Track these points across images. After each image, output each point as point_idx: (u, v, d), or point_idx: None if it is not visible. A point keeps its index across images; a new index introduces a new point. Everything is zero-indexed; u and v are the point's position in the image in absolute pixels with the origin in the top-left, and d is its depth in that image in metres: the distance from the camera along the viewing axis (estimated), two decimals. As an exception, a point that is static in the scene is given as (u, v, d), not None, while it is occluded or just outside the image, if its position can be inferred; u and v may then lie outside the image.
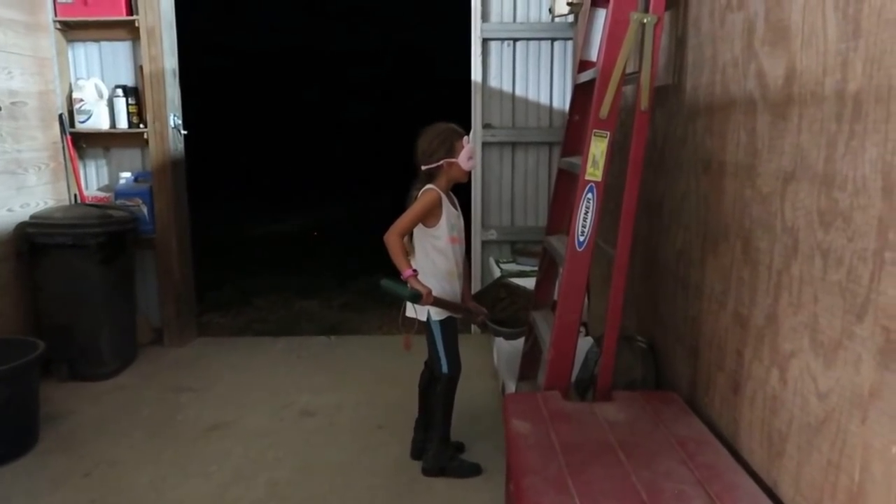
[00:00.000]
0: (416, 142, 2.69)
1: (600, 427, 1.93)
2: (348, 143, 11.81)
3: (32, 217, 3.77)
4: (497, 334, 3.05)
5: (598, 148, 2.19)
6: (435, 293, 2.60)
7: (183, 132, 4.34)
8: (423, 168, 2.67)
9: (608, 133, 2.18)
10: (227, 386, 3.76)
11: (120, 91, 4.18)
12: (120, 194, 4.22)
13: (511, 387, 2.98)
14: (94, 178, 4.41)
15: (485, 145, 4.47)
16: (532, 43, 4.41)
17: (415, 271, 2.57)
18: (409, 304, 2.71)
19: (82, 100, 4.14)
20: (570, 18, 4.18)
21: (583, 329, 3.29)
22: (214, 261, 6.32)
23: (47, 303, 3.78)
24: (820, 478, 1.41)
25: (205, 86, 7.88)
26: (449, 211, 2.69)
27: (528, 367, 2.92)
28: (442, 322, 2.72)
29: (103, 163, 4.40)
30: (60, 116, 4.13)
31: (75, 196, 4.23)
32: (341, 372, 3.95)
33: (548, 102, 4.48)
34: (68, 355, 3.75)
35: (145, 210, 4.20)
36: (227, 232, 8.13)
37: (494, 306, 3.04)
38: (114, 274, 3.87)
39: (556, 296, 2.45)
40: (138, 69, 4.20)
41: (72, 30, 4.17)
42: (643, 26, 2.14)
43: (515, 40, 4.40)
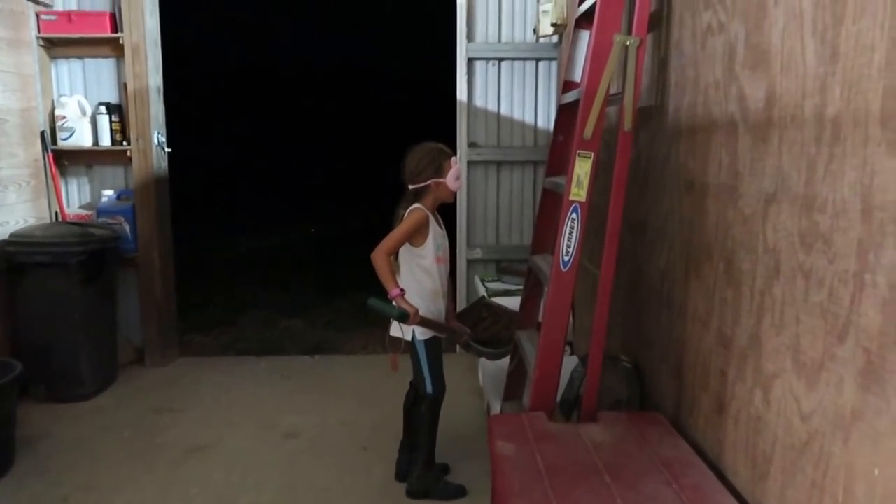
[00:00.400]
0: (404, 160, 2.69)
1: (585, 448, 1.91)
2: (335, 162, 11.81)
3: (12, 235, 3.72)
4: (479, 354, 3.05)
5: (583, 168, 2.20)
6: (421, 313, 2.59)
7: (167, 150, 4.32)
8: (411, 187, 2.67)
9: (592, 153, 2.20)
10: (208, 407, 3.71)
11: (103, 108, 4.16)
12: (102, 212, 4.18)
13: (496, 407, 2.96)
14: (76, 196, 4.37)
15: (470, 164, 4.49)
16: (517, 63, 4.44)
17: (402, 290, 2.56)
18: (394, 324, 2.70)
19: (65, 117, 4.11)
20: (555, 39, 4.22)
21: (568, 348, 3.28)
22: (198, 279, 6.25)
23: (26, 323, 3.72)
24: (804, 499, 1.41)
25: (189, 102, 7.83)
26: (435, 231, 2.69)
27: (513, 388, 2.90)
28: (427, 342, 2.70)
29: (85, 180, 4.36)
30: (42, 133, 4.09)
31: (56, 214, 4.18)
32: (325, 392, 3.91)
33: (533, 122, 4.51)
34: (47, 376, 3.68)
35: (128, 228, 4.16)
36: (211, 250, 8.06)
37: (476, 326, 3.04)
38: (94, 293, 3.82)
39: (541, 315, 2.45)
40: (122, 86, 4.18)
41: (55, 47, 4.15)
42: (626, 48, 2.17)
43: (500, 60, 4.44)
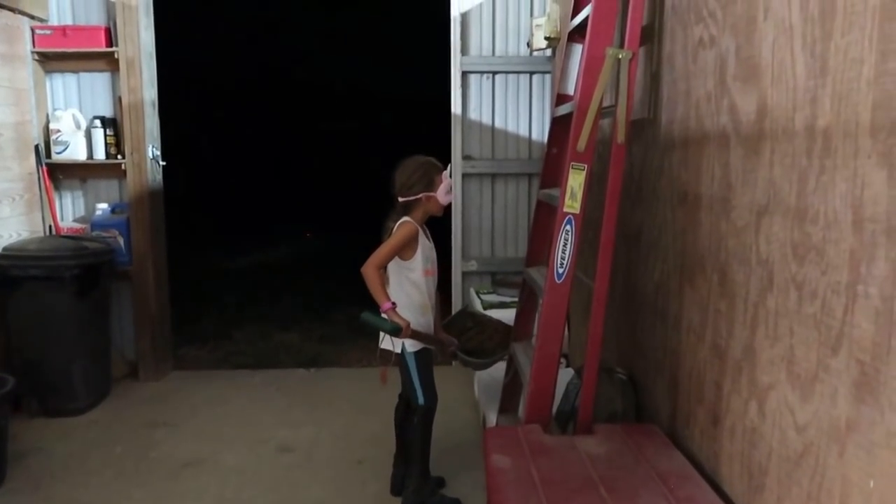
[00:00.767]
0: (395, 173, 2.70)
1: (581, 461, 1.91)
2: (327, 177, 11.81)
3: (5, 249, 3.70)
4: (466, 364, 3.05)
5: (576, 180, 2.21)
6: (411, 326, 2.59)
7: (161, 163, 4.32)
8: (401, 200, 2.68)
9: (585, 166, 2.20)
10: (203, 421, 3.68)
11: (98, 122, 4.16)
12: (96, 226, 4.17)
13: (492, 419, 2.95)
14: (70, 210, 4.36)
15: (465, 176, 4.50)
16: (511, 76, 4.47)
17: (394, 304, 2.56)
18: (385, 337, 2.69)
19: (59, 130, 4.11)
20: (548, 53, 4.25)
21: (563, 360, 3.28)
22: (192, 292, 6.23)
23: (19, 337, 3.70)
24: (800, 512, 1.41)
25: (187, 114, 7.86)
26: (424, 243, 2.70)
27: (508, 400, 2.89)
28: (416, 353, 2.71)
29: (80, 194, 4.36)
30: (36, 147, 4.09)
31: (50, 227, 4.17)
32: (320, 405, 3.89)
33: (527, 134, 4.53)
34: (39, 390, 3.66)
35: (122, 241, 4.15)
36: (205, 263, 8.04)
37: (461, 336, 3.04)
38: (88, 307, 3.80)
39: (536, 328, 2.45)
40: (117, 100, 4.19)
41: (50, 61, 4.16)
42: (619, 62, 2.18)
43: (494, 73, 4.46)
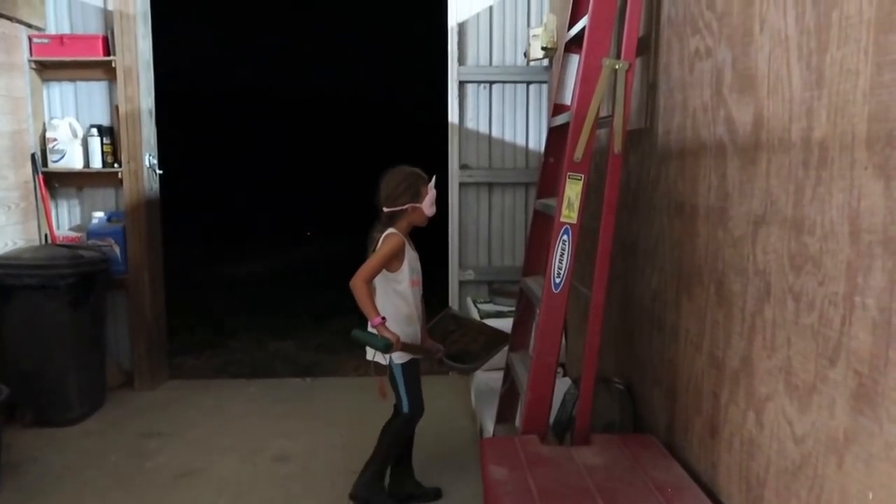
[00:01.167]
0: (380, 184, 2.71)
1: (578, 472, 1.90)
2: (325, 185, 11.81)
3: (0, 258, 3.69)
4: (452, 370, 3.05)
5: (573, 190, 2.21)
6: (401, 337, 2.60)
7: (158, 172, 4.31)
8: (386, 211, 2.68)
9: (582, 175, 2.21)
10: (198, 431, 3.66)
11: (95, 130, 4.15)
12: (92, 234, 4.16)
13: (489, 429, 2.94)
14: (66, 218, 4.35)
15: (462, 186, 4.50)
16: (508, 86, 4.48)
17: (383, 318, 2.56)
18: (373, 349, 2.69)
19: (56, 139, 4.10)
20: (545, 63, 4.27)
21: (560, 370, 3.28)
22: (188, 302, 6.22)
23: (13, 346, 3.67)
24: (799, 524, 1.40)
25: (179, 125, 7.83)
26: (410, 254, 2.71)
27: (505, 410, 2.88)
28: (404, 365, 2.72)
29: (76, 202, 4.35)
30: (33, 156, 4.08)
31: (46, 236, 4.16)
32: (316, 415, 3.88)
33: (524, 144, 4.53)
34: (34, 400, 3.63)
35: (118, 250, 4.14)
36: (201, 272, 8.03)
37: (445, 339, 3.04)
38: (83, 316, 3.79)
39: (533, 337, 2.44)
40: (114, 109, 4.18)
41: (47, 69, 4.16)
42: (615, 72, 2.19)
43: (492, 83, 4.47)
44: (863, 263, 1.20)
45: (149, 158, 4.20)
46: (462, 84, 4.44)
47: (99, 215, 4.21)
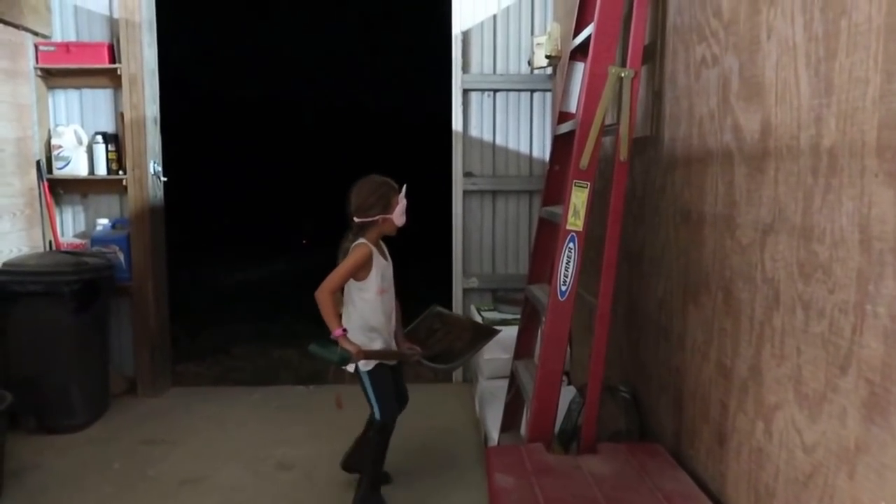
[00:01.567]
0: (351, 193, 2.72)
1: (585, 481, 1.89)
2: (326, 192, 11.81)
3: (5, 264, 3.69)
4: (432, 371, 3.03)
5: (579, 198, 2.21)
6: (365, 346, 2.61)
7: (163, 179, 4.32)
8: (357, 221, 2.69)
9: (588, 183, 2.20)
10: (201, 438, 3.65)
11: (100, 138, 4.16)
12: (96, 241, 4.16)
13: (494, 437, 2.92)
14: (71, 225, 4.36)
15: (466, 193, 4.50)
16: (512, 94, 4.48)
17: (345, 330, 2.57)
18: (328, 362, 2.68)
19: (61, 146, 4.11)
20: (549, 71, 4.27)
21: (565, 378, 3.26)
22: (192, 309, 6.21)
23: (16, 352, 3.67)
24: (809, 534, 1.39)
25: (181, 134, 7.84)
26: (379, 263, 2.72)
27: (510, 418, 2.87)
28: (370, 372, 2.73)
29: (80, 209, 4.35)
30: (38, 163, 4.09)
31: (50, 243, 4.16)
32: (320, 422, 3.86)
33: (528, 152, 4.54)
34: (37, 406, 3.62)
35: (122, 257, 4.14)
36: (205, 279, 8.02)
37: (428, 339, 3.01)
38: (87, 322, 3.78)
39: (538, 346, 2.44)
40: (119, 116, 4.20)
41: (53, 77, 4.17)
42: (621, 80, 2.19)
43: (496, 91, 4.48)
44: (874, 271, 1.20)
45: (153, 166, 4.21)
46: (466, 92, 4.44)
47: (103, 222, 4.21)
